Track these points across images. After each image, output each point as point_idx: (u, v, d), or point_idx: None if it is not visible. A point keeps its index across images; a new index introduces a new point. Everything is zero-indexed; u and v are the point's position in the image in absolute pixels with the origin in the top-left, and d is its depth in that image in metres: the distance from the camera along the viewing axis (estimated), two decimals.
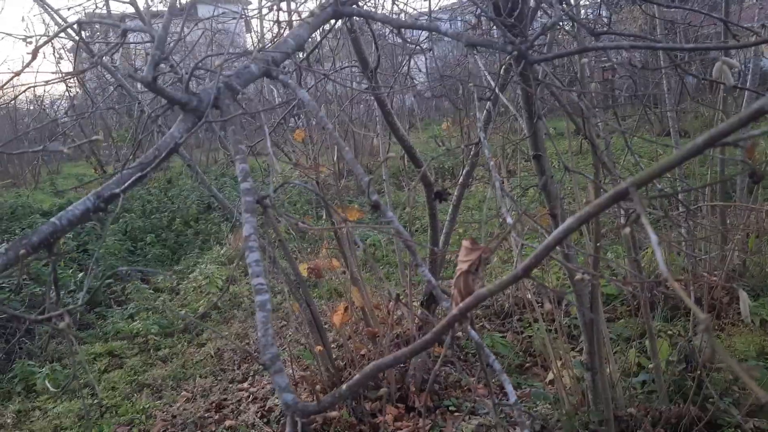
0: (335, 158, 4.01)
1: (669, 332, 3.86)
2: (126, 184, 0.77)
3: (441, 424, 3.40)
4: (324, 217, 5.43)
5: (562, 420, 2.99)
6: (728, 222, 4.61)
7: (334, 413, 3.08)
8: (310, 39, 1.37)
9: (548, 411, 3.30)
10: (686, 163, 5.37)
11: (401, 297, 3.11)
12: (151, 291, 6.23)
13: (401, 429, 3.36)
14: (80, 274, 6.30)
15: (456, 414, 3.50)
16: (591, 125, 2.19)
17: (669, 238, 5.06)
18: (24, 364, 4.54)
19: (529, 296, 4.75)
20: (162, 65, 1.03)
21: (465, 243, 0.76)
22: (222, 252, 7.01)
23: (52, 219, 0.74)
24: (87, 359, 4.87)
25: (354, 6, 1.12)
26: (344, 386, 0.75)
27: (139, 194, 9.09)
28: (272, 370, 0.74)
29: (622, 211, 2.85)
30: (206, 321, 5.42)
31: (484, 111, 2.57)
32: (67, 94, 12.37)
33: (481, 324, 4.59)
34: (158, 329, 5.23)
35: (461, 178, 3.83)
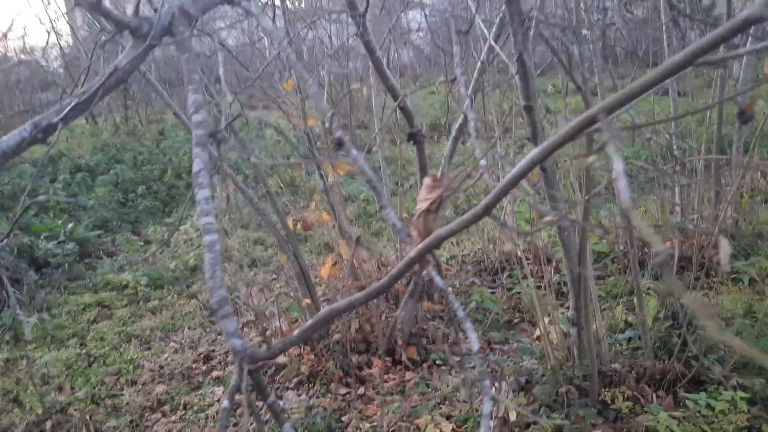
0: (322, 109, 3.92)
1: (657, 289, 3.85)
2: (63, 113, 0.72)
3: (427, 377, 3.41)
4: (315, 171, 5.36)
5: (546, 374, 2.99)
6: (723, 181, 4.56)
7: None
8: None
9: (534, 366, 3.31)
10: (683, 122, 5.28)
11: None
12: (141, 243, 6.20)
13: (388, 381, 3.37)
14: (70, 225, 6.25)
15: (442, 368, 3.51)
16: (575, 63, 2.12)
17: (663, 196, 5.02)
18: (12, 312, 4.53)
19: (519, 253, 4.73)
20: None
21: (426, 180, 0.71)
22: (214, 205, 6.95)
23: None
24: (76, 309, 4.86)
25: None
26: (296, 331, 0.71)
27: (131, 146, 8.98)
28: (219, 314, 0.69)
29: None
30: (196, 274, 5.40)
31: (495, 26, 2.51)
32: (57, 43, 12.12)
33: (471, 280, 4.58)
34: (148, 280, 5.22)
35: (454, 132, 3.76)
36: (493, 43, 2.59)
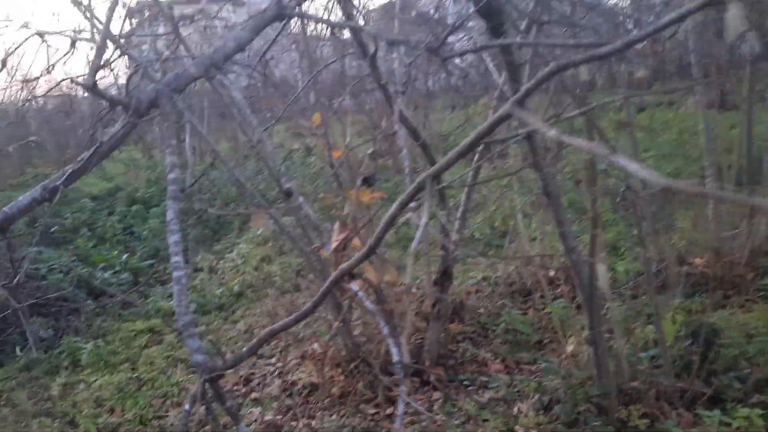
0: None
1: (686, 308, 3.85)
2: (63, 179, 0.91)
3: (454, 397, 3.51)
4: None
5: (567, 393, 3.06)
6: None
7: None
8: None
9: (559, 385, 3.36)
10: (717, 147, 5.23)
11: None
12: (191, 270, 6.51)
13: (416, 402, 3.48)
14: (125, 255, 6.63)
15: (469, 388, 3.60)
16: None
17: (697, 217, 4.99)
18: (70, 340, 4.85)
19: (552, 273, 4.78)
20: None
21: (336, 225, 0.86)
22: (259, 233, 7.23)
23: (4, 208, 0.87)
24: (129, 336, 5.16)
25: (297, 8, 1.22)
26: (245, 349, 0.87)
27: (181, 177, 9.41)
28: (185, 334, 0.86)
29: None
30: (240, 300, 5.65)
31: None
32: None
33: (501, 302, 4.66)
34: (196, 307, 5.49)
35: (476, 157, 3.89)
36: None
